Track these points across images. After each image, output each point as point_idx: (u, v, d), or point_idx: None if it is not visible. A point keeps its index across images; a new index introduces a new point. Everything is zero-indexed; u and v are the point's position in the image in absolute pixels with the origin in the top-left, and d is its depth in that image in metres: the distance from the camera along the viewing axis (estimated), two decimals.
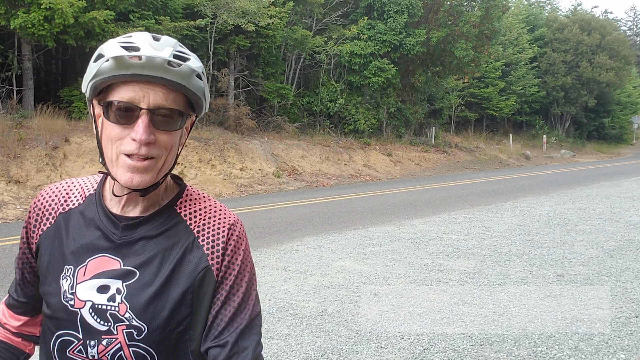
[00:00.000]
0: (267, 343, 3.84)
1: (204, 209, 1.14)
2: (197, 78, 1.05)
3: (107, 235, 1.09)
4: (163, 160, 1.05)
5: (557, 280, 5.49)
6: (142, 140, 1.00)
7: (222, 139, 15.46)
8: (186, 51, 1.07)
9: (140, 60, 0.99)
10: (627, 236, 7.78)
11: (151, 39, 1.03)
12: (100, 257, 1.08)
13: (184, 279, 1.07)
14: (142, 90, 1.01)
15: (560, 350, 3.74)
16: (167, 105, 1.03)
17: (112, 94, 1.03)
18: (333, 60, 20.66)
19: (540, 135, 35.02)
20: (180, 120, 1.06)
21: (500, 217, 9.47)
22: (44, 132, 11.63)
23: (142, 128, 1.00)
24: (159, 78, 1.00)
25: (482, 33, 23.14)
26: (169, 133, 1.05)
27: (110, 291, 1.06)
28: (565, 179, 17.52)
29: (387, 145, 21.73)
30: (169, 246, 1.09)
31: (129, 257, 1.07)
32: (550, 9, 47.13)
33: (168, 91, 1.03)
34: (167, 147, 1.05)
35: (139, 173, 1.02)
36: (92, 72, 1.03)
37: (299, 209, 10.48)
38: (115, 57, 0.99)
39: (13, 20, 11.18)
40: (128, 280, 1.06)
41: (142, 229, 1.09)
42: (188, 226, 1.11)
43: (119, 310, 1.05)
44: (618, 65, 36.61)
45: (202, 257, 1.09)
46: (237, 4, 15.40)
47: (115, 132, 1.02)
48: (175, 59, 1.02)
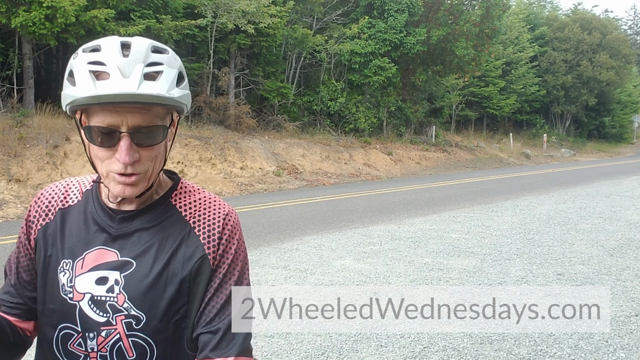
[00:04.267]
0: (267, 342, 3.85)
1: (199, 200, 1.17)
2: (175, 87, 1.04)
3: (104, 228, 1.11)
4: (151, 172, 1.08)
5: (557, 279, 5.50)
6: (126, 163, 1.02)
7: (223, 137, 15.46)
8: (158, 59, 1.04)
9: (111, 89, 0.98)
10: (628, 235, 7.78)
11: (120, 55, 1.01)
12: (98, 249, 1.10)
13: (180, 268, 1.09)
14: (120, 114, 1.01)
15: (560, 349, 3.75)
16: (147, 123, 1.03)
17: (90, 116, 1.03)
18: (333, 59, 20.65)
19: (541, 134, 35.00)
20: (162, 133, 1.06)
21: (500, 216, 9.47)
22: (44, 131, 11.63)
23: (125, 151, 1.01)
24: (134, 102, 0.99)
25: (483, 32, 23.13)
26: (152, 147, 1.06)
27: (108, 282, 1.08)
28: (565, 178, 17.52)
29: (387, 144, 21.72)
30: (165, 236, 1.11)
31: (125, 249, 1.10)
32: (550, 8, 47.11)
33: (146, 109, 1.03)
34: (152, 159, 1.07)
35: (129, 187, 1.05)
36: (67, 95, 1.03)
37: (299, 207, 10.49)
38: (82, 97, 0.99)
39: (14, 19, 11.16)
40: (125, 270, 1.08)
41: (138, 220, 1.11)
42: (183, 217, 1.14)
43: (117, 301, 1.07)
44: (618, 64, 36.59)
45: (198, 246, 1.11)
46: (237, 5, 15.39)
47: (100, 154, 1.04)
48: (147, 80, 1.00)
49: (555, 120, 38.87)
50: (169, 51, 1.07)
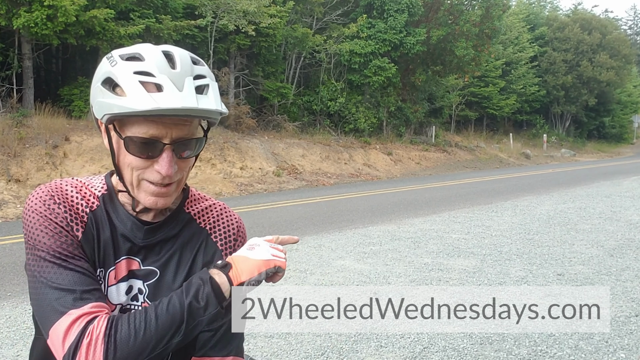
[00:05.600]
0: (267, 342, 3.85)
1: (209, 208, 1.21)
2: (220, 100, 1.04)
3: (129, 238, 1.11)
4: (184, 180, 1.10)
5: (557, 280, 5.49)
6: (169, 174, 1.02)
7: (222, 138, 15.46)
8: (201, 72, 1.03)
9: (165, 103, 0.95)
10: (628, 235, 7.77)
11: (167, 66, 0.99)
12: (125, 259, 1.11)
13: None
14: (166, 127, 1.00)
15: (560, 349, 3.74)
16: (189, 136, 1.04)
17: (129, 126, 1.00)
18: (333, 59, 20.64)
19: (541, 135, 35.00)
20: (201, 144, 1.08)
21: (500, 216, 9.46)
22: (44, 131, 11.63)
23: (167, 163, 1.01)
24: (185, 115, 0.99)
25: (483, 32, 23.13)
26: (189, 159, 1.08)
27: (133, 291, 1.10)
28: (565, 178, 17.52)
29: (387, 144, 21.72)
30: (185, 244, 1.14)
31: (149, 258, 1.11)
32: (550, 8, 47.10)
33: (190, 121, 1.03)
34: (186, 169, 1.09)
35: (162, 197, 1.06)
36: (113, 105, 0.98)
37: (299, 208, 10.48)
38: (142, 110, 0.95)
39: (15, 20, 11.15)
40: (149, 280, 1.10)
41: (162, 231, 1.13)
42: (198, 224, 1.18)
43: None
44: (618, 65, 36.61)
45: (216, 251, 1.17)
46: (238, 6, 15.39)
47: (136, 163, 1.02)
48: (199, 94, 0.99)
49: (555, 121, 38.87)
50: (203, 63, 1.08)
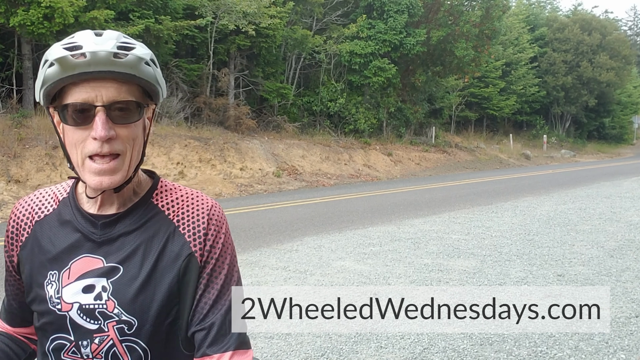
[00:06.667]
0: (267, 343, 3.84)
1: (181, 198, 1.15)
2: (146, 65, 1.04)
3: (87, 236, 1.09)
4: (130, 156, 1.05)
5: (557, 280, 5.49)
6: (102, 137, 1.00)
7: (222, 138, 15.46)
8: (131, 41, 1.05)
9: (85, 58, 0.98)
10: (628, 236, 7.77)
11: (93, 35, 1.02)
12: (83, 258, 1.08)
13: (168, 268, 1.08)
14: (94, 89, 1.00)
15: (561, 350, 3.74)
16: (122, 98, 1.02)
17: (65, 97, 1.02)
18: (333, 59, 20.65)
19: (541, 135, 35.01)
20: (138, 111, 1.05)
21: (500, 217, 9.46)
22: (43, 132, 11.63)
23: (100, 125, 0.99)
24: (108, 72, 0.99)
25: (483, 33, 23.14)
26: (129, 126, 1.04)
27: (95, 290, 1.06)
28: (565, 179, 17.52)
29: (387, 145, 21.73)
30: (150, 237, 1.09)
31: (111, 254, 1.08)
32: (550, 9, 47.11)
33: (120, 84, 1.02)
34: (130, 141, 1.04)
35: (107, 175, 1.02)
36: (40, 78, 1.02)
37: (299, 208, 10.48)
38: (58, 58, 0.98)
39: (12, 18, 11.16)
40: (112, 276, 1.06)
41: (121, 224, 1.09)
42: (167, 216, 1.12)
43: (107, 308, 1.06)
44: (618, 65, 36.61)
45: (184, 244, 1.09)
46: (238, 7, 15.39)
47: (76, 136, 1.02)
48: (120, 50, 1.01)
49: (555, 121, 38.87)
50: (143, 46, 1.08)
